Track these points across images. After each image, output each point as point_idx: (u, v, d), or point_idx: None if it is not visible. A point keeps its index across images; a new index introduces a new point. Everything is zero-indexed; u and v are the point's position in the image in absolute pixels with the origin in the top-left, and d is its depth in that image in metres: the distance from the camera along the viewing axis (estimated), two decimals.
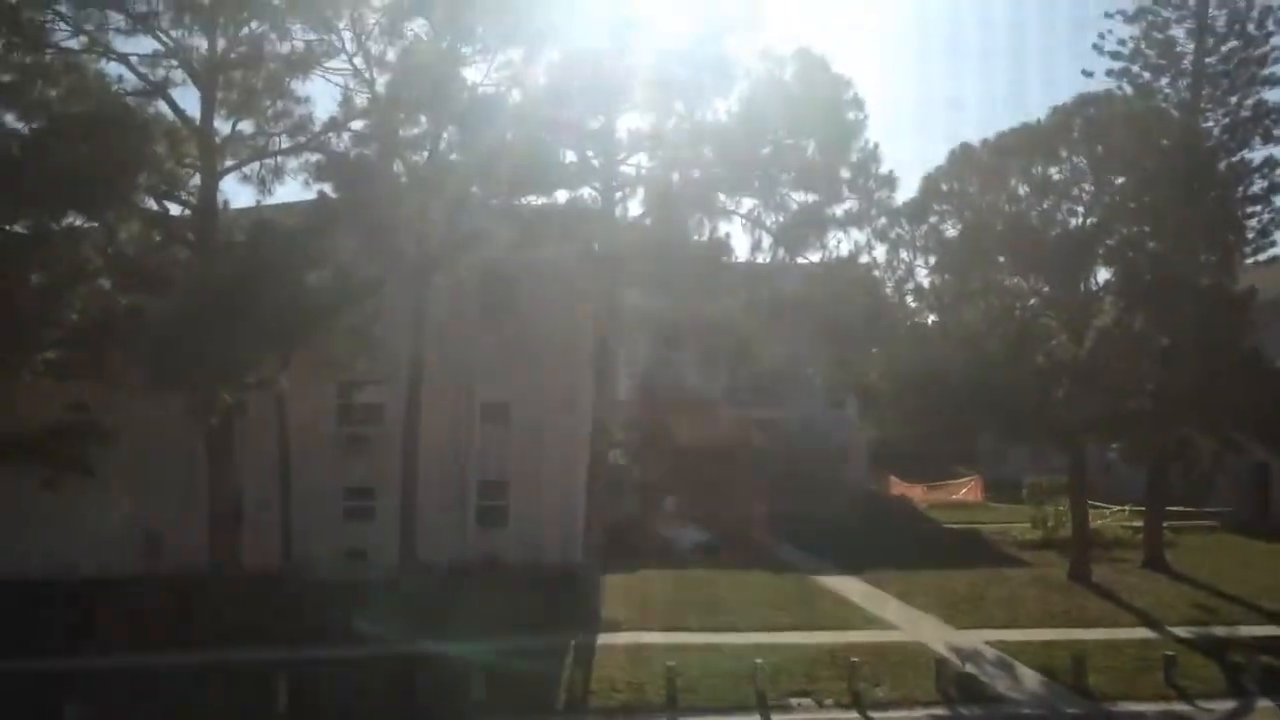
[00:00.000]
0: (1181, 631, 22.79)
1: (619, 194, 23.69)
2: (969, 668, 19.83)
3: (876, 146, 23.86)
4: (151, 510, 25.37)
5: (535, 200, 23.89)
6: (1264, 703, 18.41)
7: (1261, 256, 30.77)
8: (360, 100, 23.11)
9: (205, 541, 22.92)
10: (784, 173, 23.79)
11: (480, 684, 17.44)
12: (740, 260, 24.76)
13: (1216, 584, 27.55)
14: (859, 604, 25.24)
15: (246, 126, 23.10)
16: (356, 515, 27.30)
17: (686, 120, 22.80)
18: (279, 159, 23.20)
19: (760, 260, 24.86)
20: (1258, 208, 30.58)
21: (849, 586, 27.23)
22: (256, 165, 23.24)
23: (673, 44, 22.31)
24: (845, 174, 24.05)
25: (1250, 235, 30.50)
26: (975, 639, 22.19)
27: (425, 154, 23.31)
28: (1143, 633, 22.82)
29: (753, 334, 26.31)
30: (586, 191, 23.78)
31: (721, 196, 23.87)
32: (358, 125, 23.36)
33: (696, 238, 23.78)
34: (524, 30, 22.03)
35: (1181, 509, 36.03)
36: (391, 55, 22.52)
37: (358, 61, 22.67)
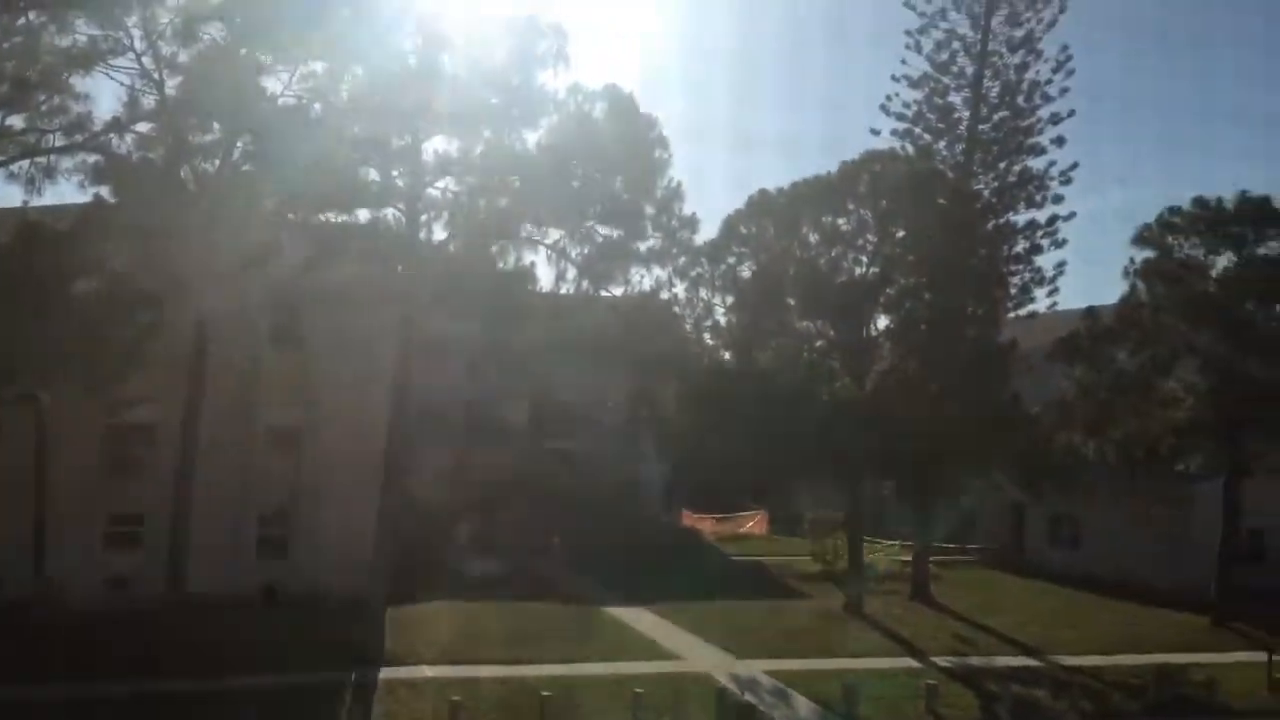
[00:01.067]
0: (943, 661, 24.23)
1: (424, 217, 23.28)
2: (748, 697, 20.37)
3: (680, 186, 24.56)
4: None
5: (335, 218, 23.17)
6: None
7: (1022, 311, 33.34)
8: (148, 102, 21.80)
9: None
10: (590, 206, 24.06)
11: None
12: (544, 291, 24.85)
13: (975, 616, 29.48)
14: (647, 634, 25.54)
15: (17, 121, 21.35)
16: (122, 542, 25.47)
17: (495, 148, 22.71)
18: (51, 157, 21.53)
19: (565, 292, 25.02)
20: (1020, 267, 33.19)
21: (638, 617, 27.52)
22: (26, 163, 21.47)
23: (483, 71, 22.21)
24: (650, 211, 24.58)
25: (1013, 292, 33.06)
26: (756, 668, 22.84)
27: (217, 163, 22.21)
28: (907, 662, 24.12)
29: (554, 365, 26.44)
30: (390, 212, 23.26)
31: (528, 226, 23.90)
32: (143, 128, 22.01)
33: (501, 266, 23.68)
34: (328, 43, 21.40)
35: (946, 545, 38.49)
36: (184, 58, 21.40)
37: (147, 61, 21.42)
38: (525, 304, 23.64)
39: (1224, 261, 29.41)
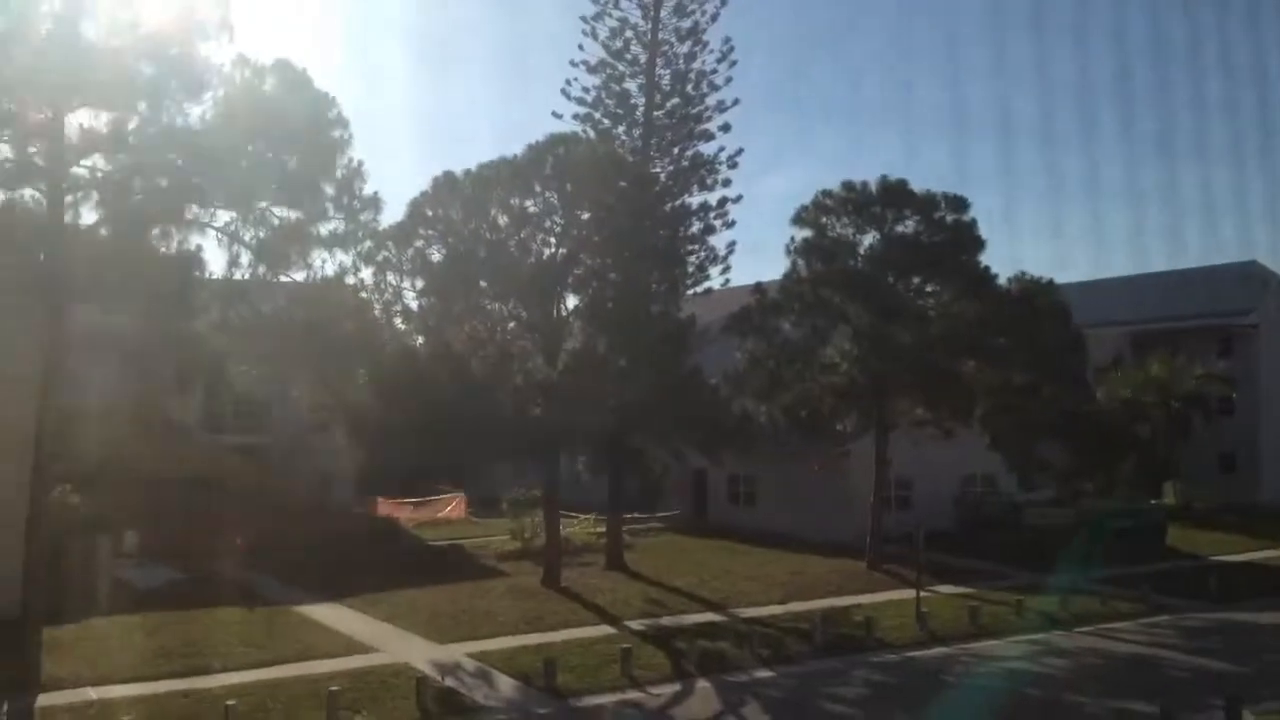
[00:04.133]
0: (636, 625, 25.38)
1: (70, 199, 21.09)
2: (450, 682, 20.38)
3: (361, 165, 23.76)
4: None
5: None
6: (703, 683, 21.11)
7: (699, 288, 35.37)
8: None
9: None
10: (264, 187, 22.79)
11: None
12: (216, 277, 23.33)
13: (665, 579, 31.06)
14: (342, 630, 24.79)
15: None
16: None
17: (152, 123, 20.93)
18: None
19: (239, 277, 23.59)
20: (696, 246, 35.17)
21: (332, 614, 26.65)
22: None
23: (136, 40, 20.35)
24: (330, 192, 23.63)
25: (691, 270, 34.97)
26: (457, 653, 22.86)
27: None
28: (604, 629, 25.05)
29: (230, 355, 24.90)
30: (29, 193, 20.89)
31: (194, 208, 22.25)
32: None
33: (164, 250, 21.91)
34: None
35: (637, 514, 40.21)
36: None
37: None
38: (194, 292, 22.07)
39: (869, 239, 32.66)
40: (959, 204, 32.33)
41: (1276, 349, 47.81)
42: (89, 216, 21.58)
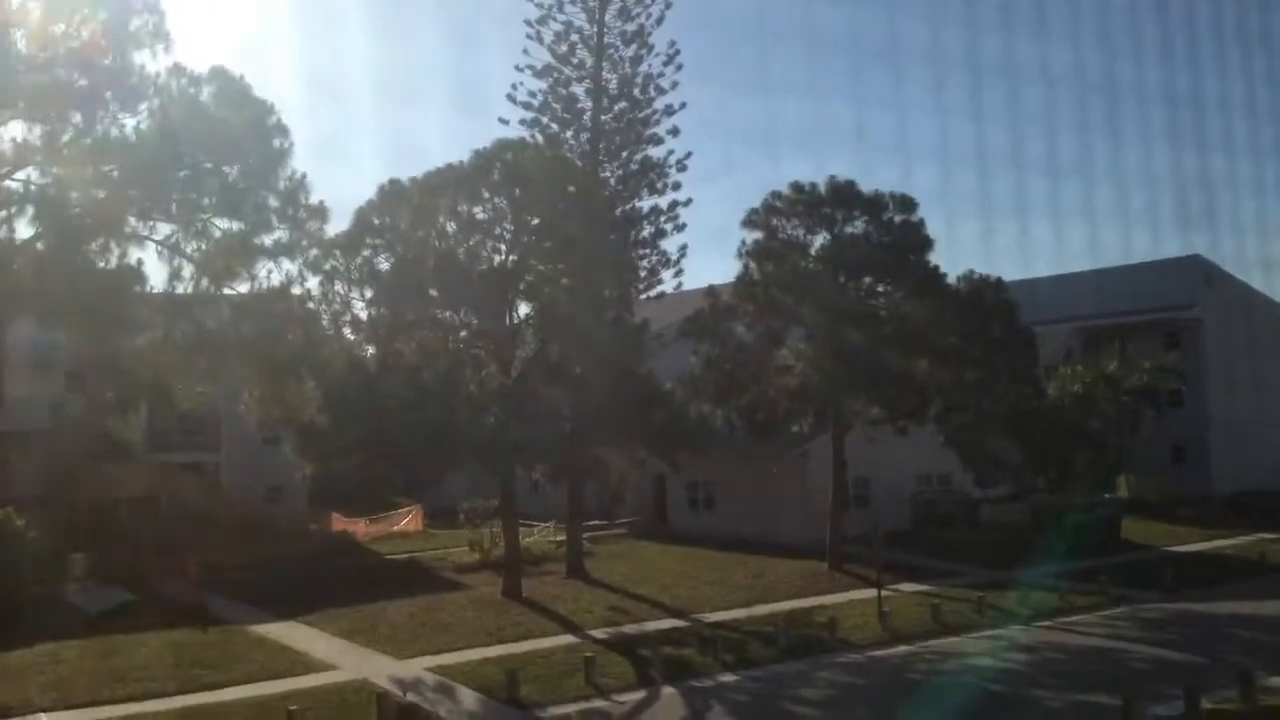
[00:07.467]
0: (599, 633, 25.12)
1: (4, 213, 20.52)
2: (411, 697, 19.98)
3: (305, 176, 23.41)
4: None
5: None
6: (667, 690, 20.91)
7: (652, 293, 35.11)
8: None
9: None
10: (205, 198, 22.35)
11: None
12: (158, 291, 22.80)
13: (627, 586, 30.80)
14: (299, 649, 24.26)
15: None
16: None
17: (87, 134, 20.44)
18: None
19: (181, 291, 23.08)
20: (648, 250, 34.92)
21: (288, 632, 26.08)
22: None
23: (68, 50, 19.90)
24: (273, 202, 23.24)
25: (643, 274, 34.73)
26: (417, 667, 22.46)
27: None
28: (567, 639, 24.75)
29: (173, 371, 24.33)
30: None
31: (133, 220, 21.76)
32: None
33: (102, 265, 21.37)
34: None
35: (597, 521, 39.92)
36: None
37: None
38: (135, 307, 21.54)
39: (820, 240, 32.72)
40: (907, 204, 32.46)
41: (1221, 341, 48.71)
42: (24, 231, 21.05)
